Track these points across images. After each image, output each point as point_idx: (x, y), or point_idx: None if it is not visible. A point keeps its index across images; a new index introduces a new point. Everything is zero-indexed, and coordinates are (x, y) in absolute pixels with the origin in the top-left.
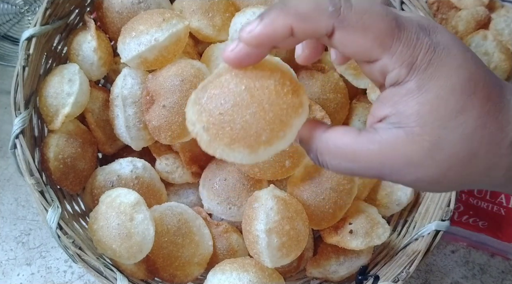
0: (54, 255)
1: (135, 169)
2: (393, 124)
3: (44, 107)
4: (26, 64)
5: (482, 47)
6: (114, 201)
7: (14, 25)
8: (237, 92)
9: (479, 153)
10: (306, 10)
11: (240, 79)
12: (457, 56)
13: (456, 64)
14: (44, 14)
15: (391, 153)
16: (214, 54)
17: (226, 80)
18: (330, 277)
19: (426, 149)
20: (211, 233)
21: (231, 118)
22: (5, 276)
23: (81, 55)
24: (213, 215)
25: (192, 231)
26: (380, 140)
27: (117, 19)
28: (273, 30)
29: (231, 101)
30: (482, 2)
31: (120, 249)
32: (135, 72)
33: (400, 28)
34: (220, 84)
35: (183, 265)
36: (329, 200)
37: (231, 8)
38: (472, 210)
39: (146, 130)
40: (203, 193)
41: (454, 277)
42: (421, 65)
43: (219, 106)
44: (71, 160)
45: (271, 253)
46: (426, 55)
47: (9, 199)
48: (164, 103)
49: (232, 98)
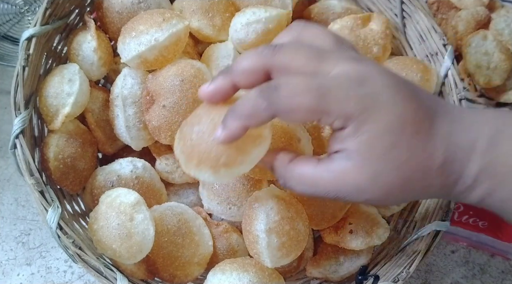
0: (54, 255)
1: (135, 169)
2: (344, 156)
3: (44, 107)
4: (26, 64)
5: (482, 47)
6: (114, 201)
7: (14, 25)
8: (204, 122)
9: (412, 178)
10: (248, 112)
11: (209, 111)
12: (386, 101)
13: (385, 109)
14: (44, 14)
15: (343, 181)
16: (214, 54)
17: (199, 113)
18: (330, 277)
19: (369, 178)
20: (211, 233)
21: (198, 143)
22: (5, 276)
23: (81, 55)
24: (213, 215)
25: (192, 231)
26: (333, 169)
27: (117, 19)
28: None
29: (199, 129)
30: (482, 2)
31: (120, 249)
32: (135, 72)
33: (326, 95)
34: (195, 116)
35: (183, 265)
36: (329, 200)
37: (231, 8)
38: (472, 210)
39: (146, 130)
40: (203, 193)
41: (454, 277)
42: (354, 113)
43: (190, 133)
44: (71, 160)
45: (271, 253)
46: (357, 106)
47: (9, 199)
48: (164, 103)
49: (200, 127)
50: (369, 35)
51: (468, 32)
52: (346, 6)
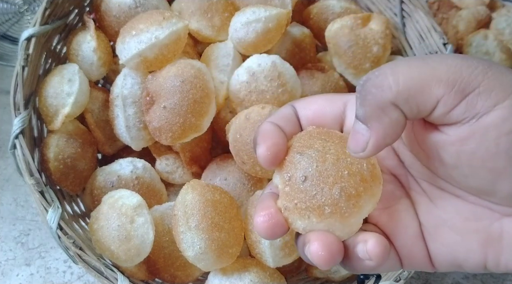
0: (54, 256)
1: (135, 170)
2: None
3: (44, 107)
4: (26, 64)
5: (483, 47)
6: (117, 202)
7: (13, 25)
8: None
9: None
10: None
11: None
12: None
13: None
14: (43, 14)
15: None
16: (214, 53)
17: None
18: (331, 277)
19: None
20: None
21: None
22: (4, 277)
23: (80, 55)
24: None
25: None
26: None
27: (114, 22)
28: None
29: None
30: (483, 2)
31: (118, 251)
32: (135, 72)
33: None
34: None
35: (184, 265)
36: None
37: (230, 8)
38: None
39: (146, 130)
40: None
41: (455, 278)
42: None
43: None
44: (71, 161)
45: (274, 252)
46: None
47: (8, 199)
48: (164, 104)
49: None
50: (369, 35)
51: (469, 32)
52: (345, 6)
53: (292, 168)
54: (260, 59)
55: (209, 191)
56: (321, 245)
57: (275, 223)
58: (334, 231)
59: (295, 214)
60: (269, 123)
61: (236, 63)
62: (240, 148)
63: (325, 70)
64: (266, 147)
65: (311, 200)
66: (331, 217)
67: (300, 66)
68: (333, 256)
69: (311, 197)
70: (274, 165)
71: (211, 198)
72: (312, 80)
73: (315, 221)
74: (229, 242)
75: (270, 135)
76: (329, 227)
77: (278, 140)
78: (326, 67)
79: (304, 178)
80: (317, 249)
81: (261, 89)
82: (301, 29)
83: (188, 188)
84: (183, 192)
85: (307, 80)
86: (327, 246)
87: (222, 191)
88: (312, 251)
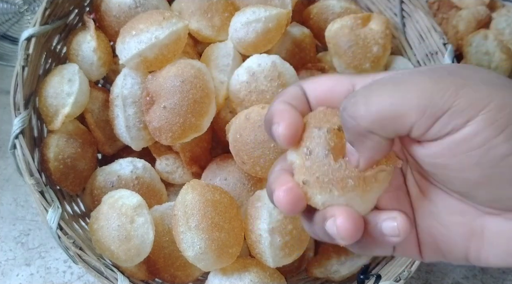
0: (54, 256)
1: (135, 170)
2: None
3: (44, 107)
4: (26, 64)
5: (483, 47)
6: (117, 202)
7: (13, 25)
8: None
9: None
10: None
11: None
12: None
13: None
14: (43, 14)
15: None
16: (214, 53)
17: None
18: (331, 277)
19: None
20: None
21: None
22: (4, 277)
23: (80, 55)
24: None
25: None
26: None
27: (114, 23)
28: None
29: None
30: (483, 2)
31: (118, 251)
32: (135, 72)
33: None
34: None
35: (184, 265)
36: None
37: (230, 8)
38: None
39: (146, 130)
40: None
41: (454, 278)
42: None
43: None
44: (71, 161)
45: (274, 252)
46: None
47: (8, 199)
48: (164, 104)
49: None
50: (369, 35)
51: (469, 32)
52: (345, 6)
53: (312, 142)
54: (260, 59)
55: (209, 191)
56: (347, 218)
57: (297, 196)
58: (353, 206)
59: (315, 187)
60: (282, 102)
61: (236, 63)
62: (240, 148)
63: (325, 70)
64: (285, 125)
65: (334, 173)
66: (354, 190)
67: (300, 66)
68: (358, 230)
69: (335, 169)
70: (293, 143)
71: (211, 198)
72: None
73: (337, 194)
74: (229, 242)
75: (287, 114)
76: (349, 201)
77: (296, 118)
78: (326, 67)
79: (326, 151)
80: (343, 222)
81: (261, 89)
82: (301, 29)
83: (188, 188)
84: (183, 192)
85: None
86: (353, 220)
87: (222, 191)
88: (339, 224)
